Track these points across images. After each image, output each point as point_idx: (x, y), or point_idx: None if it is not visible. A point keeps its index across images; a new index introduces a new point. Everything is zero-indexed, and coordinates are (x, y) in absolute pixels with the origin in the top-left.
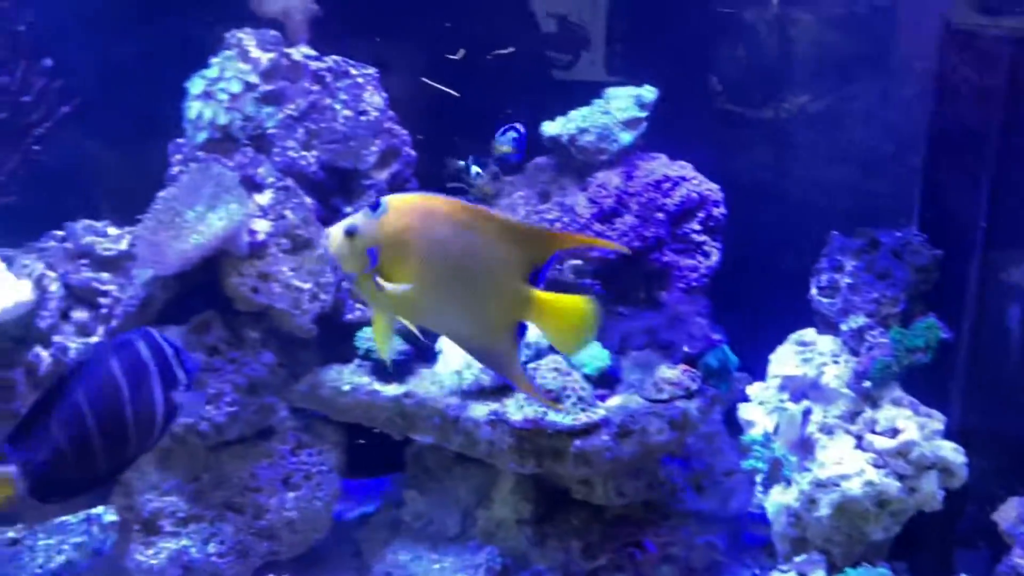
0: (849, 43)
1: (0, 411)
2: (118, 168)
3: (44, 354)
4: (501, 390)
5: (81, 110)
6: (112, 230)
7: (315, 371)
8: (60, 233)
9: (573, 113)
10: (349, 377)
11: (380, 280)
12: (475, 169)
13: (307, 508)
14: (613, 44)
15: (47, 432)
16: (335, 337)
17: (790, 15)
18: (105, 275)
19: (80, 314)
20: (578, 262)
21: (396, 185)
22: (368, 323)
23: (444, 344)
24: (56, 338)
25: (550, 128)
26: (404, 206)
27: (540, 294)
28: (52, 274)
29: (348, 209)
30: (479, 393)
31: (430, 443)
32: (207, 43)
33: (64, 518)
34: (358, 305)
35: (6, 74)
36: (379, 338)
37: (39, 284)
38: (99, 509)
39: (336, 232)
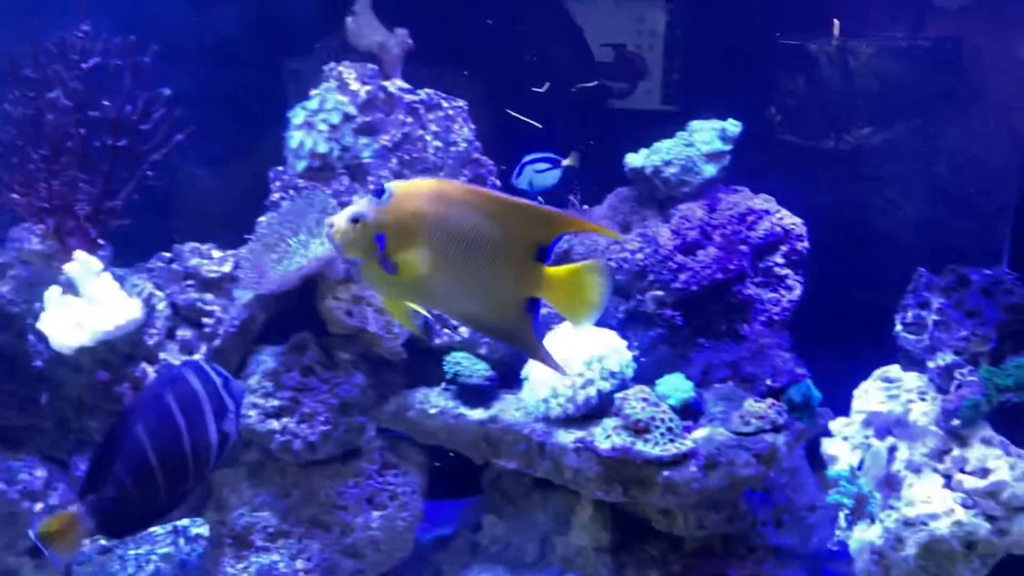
0: (914, 75)
1: (108, 424)
2: (221, 193)
3: (150, 370)
4: (588, 419)
5: (192, 138)
6: (216, 252)
7: (403, 393)
8: (168, 255)
9: (657, 145)
10: (435, 400)
11: (392, 264)
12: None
13: (391, 528)
14: (671, 74)
15: (112, 471)
16: (422, 361)
17: (852, 47)
18: (209, 296)
19: (184, 332)
20: (659, 293)
21: None
22: (455, 348)
23: (530, 372)
24: (162, 355)
25: (634, 160)
26: (410, 190)
27: (549, 269)
28: (160, 293)
29: None
30: (565, 421)
31: (512, 468)
32: (308, 75)
33: (152, 529)
34: (445, 330)
35: (129, 103)
36: (403, 320)
37: (148, 303)
38: (185, 521)
39: (340, 220)
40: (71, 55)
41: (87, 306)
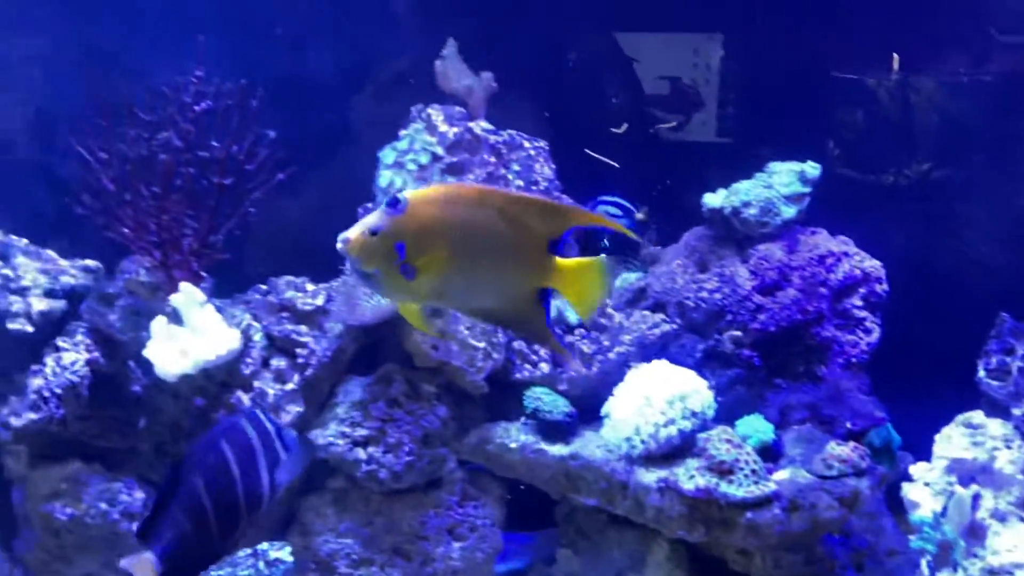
0: (978, 111)
1: None
2: (314, 229)
3: (245, 398)
4: (669, 458)
5: (292, 177)
6: (310, 286)
7: (484, 426)
8: (264, 287)
9: (735, 186)
10: (516, 435)
11: (413, 270)
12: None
13: (471, 559)
14: (726, 107)
15: (172, 518)
16: (501, 395)
17: (913, 81)
18: (303, 327)
19: (279, 362)
20: (737, 333)
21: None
22: (535, 383)
23: (611, 410)
24: (256, 383)
25: (712, 200)
26: (426, 197)
27: (561, 261)
28: (257, 324)
29: None
30: (646, 459)
31: (591, 504)
32: (396, 116)
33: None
34: (526, 366)
35: (236, 144)
36: (419, 324)
37: (245, 333)
38: (264, 545)
39: (356, 234)
40: (184, 98)
41: (191, 336)
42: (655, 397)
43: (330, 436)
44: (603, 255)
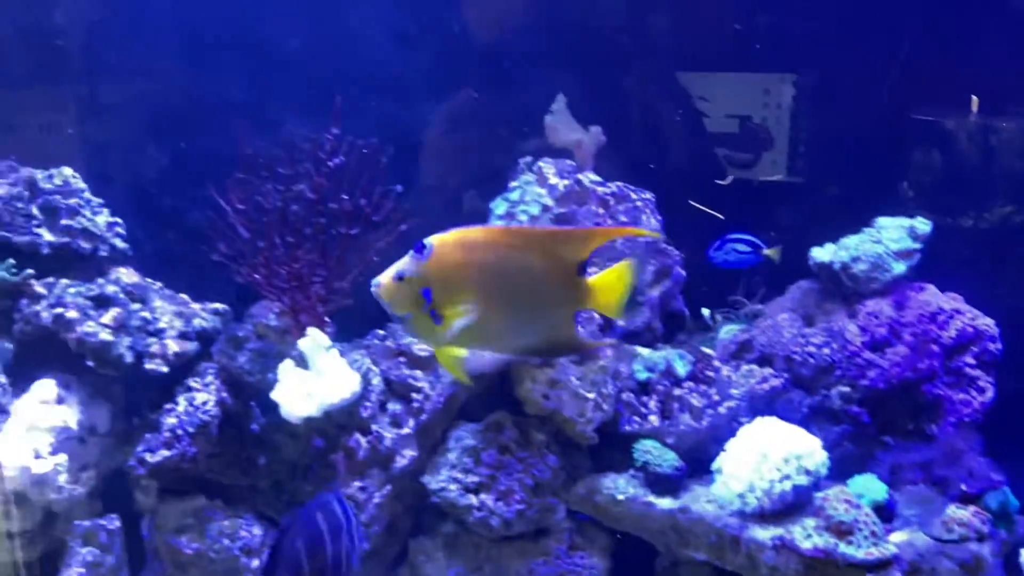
0: None
1: (322, 489)
2: None
3: (363, 440)
4: (781, 515)
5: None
6: None
7: (592, 477)
8: (382, 332)
9: (844, 240)
10: (624, 487)
11: (440, 315)
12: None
13: None
14: (797, 146)
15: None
16: (607, 445)
17: (993, 124)
18: (419, 372)
19: (395, 406)
20: (846, 389)
21: (665, 302)
22: (644, 435)
23: (723, 464)
24: (374, 426)
25: (820, 255)
26: (449, 242)
27: (592, 281)
28: (375, 369)
29: (620, 322)
30: (760, 516)
31: (701, 560)
32: (505, 168)
33: None
34: (635, 417)
35: (364, 196)
36: (453, 369)
37: (364, 377)
38: None
39: (386, 279)
40: (320, 154)
41: (316, 379)
42: (770, 454)
43: (442, 481)
44: (630, 259)
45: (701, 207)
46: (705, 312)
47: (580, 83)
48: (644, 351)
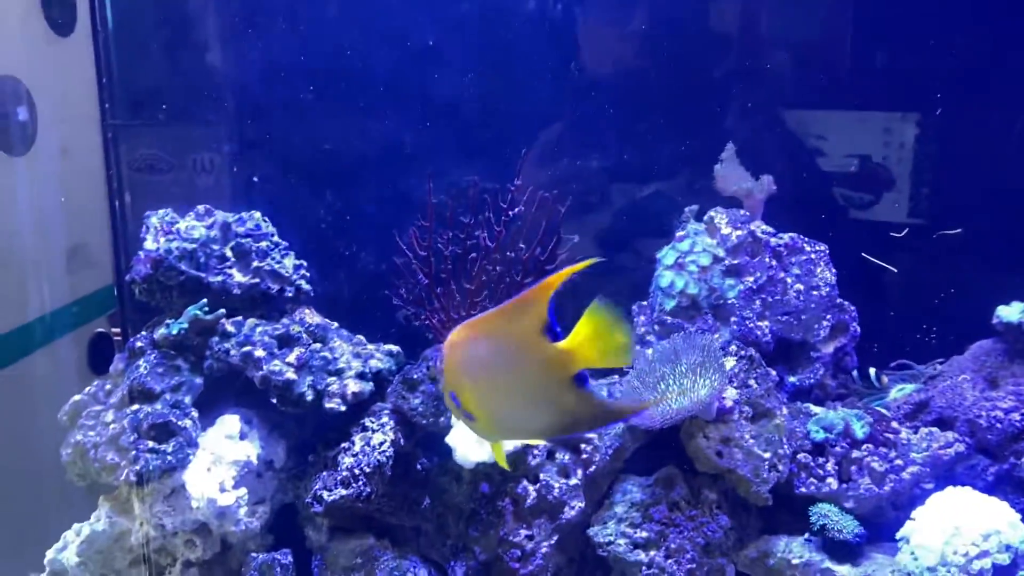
0: None
1: (488, 536)
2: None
3: (531, 489)
4: None
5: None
6: (591, 381)
7: (764, 539)
8: None
9: None
10: (799, 551)
11: (468, 414)
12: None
13: None
14: (919, 187)
15: None
16: (778, 507)
17: None
18: None
19: (562, 456)
20: None
21: (839, 359)
22: (820, 498)
23: (911, 534)
24: (542, 475)
25: (1008, 314)
26: (450, 343)
27: (565, 344)
28: None
29: (792, 379)
30: None
31: None
32: (671, 217)
33: None
34: (811, 479)
35: (540, 246)
36: (500, 459)
37: None
38: None
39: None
40: (501, 203)
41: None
42: (965, 526)
43: (610, 535)
44: (595, 301)
45: (874, 259)
46: (872, 371)
47: (734, 127)
48: (818, 410)
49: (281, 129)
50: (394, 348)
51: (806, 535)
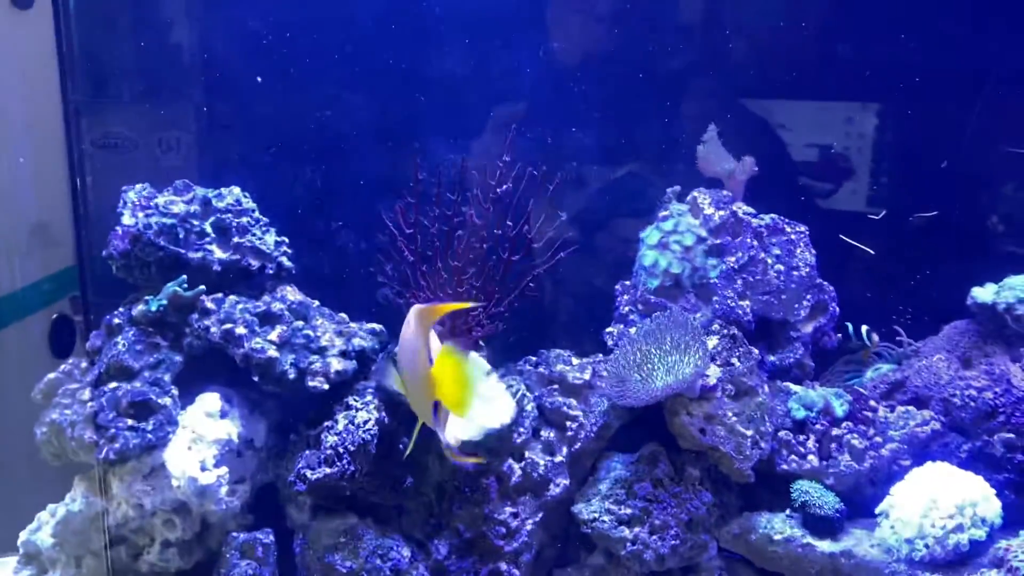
0: None
1: (472, 513)
2: (574, 303)
3: (516, 467)
4: (953, 565)
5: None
6: (575, 360)
7: (745, 516)
8: (534, 359)
9: (1008, 280)
10: (781, 527)
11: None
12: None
13: None
14: (878, 176)
15: None
16: (760, 485)
17: None
18: (572, 400)
19: (548, 434)
20: (1010, 436)
21: (817, 338)
22: (801, 476)
23: (890, 508)
24: (527, 453)
25: (982, 295)
26: (406, 320)
27: (432, 369)
28: (529, 395)
29: (771, 358)
30: (931, 564)
31: None
32: (653, 198)
33: None
34: (792, 457)
35: (527, 224)
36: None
37: (519, 403)
38: None
39: None
40: (489, 181)
41: (477, 403)
42: (942, 500)
43: (594, 512)
44: (446, 345)
45: (852, 241)
46: (864, 329)
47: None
48: (798, 389)
49: (251, 107)
50: (377, 327)
51: (787, 511)
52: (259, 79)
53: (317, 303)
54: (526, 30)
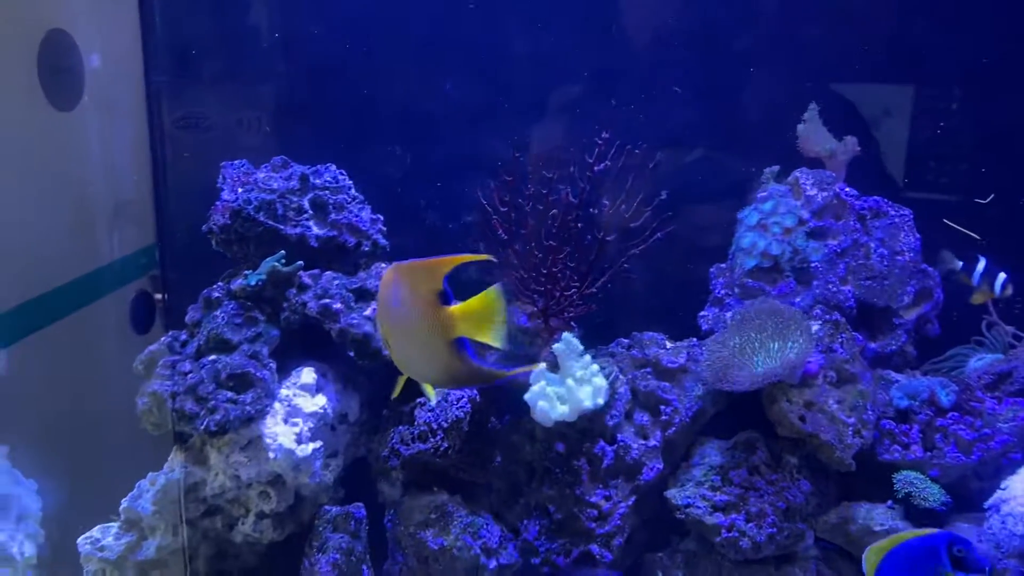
0: None
1: (563, 494)
2: (667, 286)
3: (608, 449)
4: None
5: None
6: (668, 343)
7: (845, 505)
8: (627, 341)
9: None
10: (882, 518)
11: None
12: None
13: None
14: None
15: None
16: (859, 474)
17: None
18: (666, 384)
19: (641, 417)
20: None
21: (920, 326)
22: (904, 466)
23: (1001, 501)
24: (619, 436)
25: None
26: (383, 280)
27: (454, 308)
28: (623, 377)
29: (873, 345)
30: None
31: None
32: (749, 177)
33: None
34: (895, 447)
35: (626, 203)
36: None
37: (612, 385)
38: None
39: None
40: (587, 159)
41: (570, 383)
42: None
43: (689, 497)
44: (496, 286)
45: (957, 227)
46: (1001, 277)
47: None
48: (901, 377)
49: (332, 87)
50: None
51: (888, 502)
52: (342, 59)
53: None
54: (619, 9)
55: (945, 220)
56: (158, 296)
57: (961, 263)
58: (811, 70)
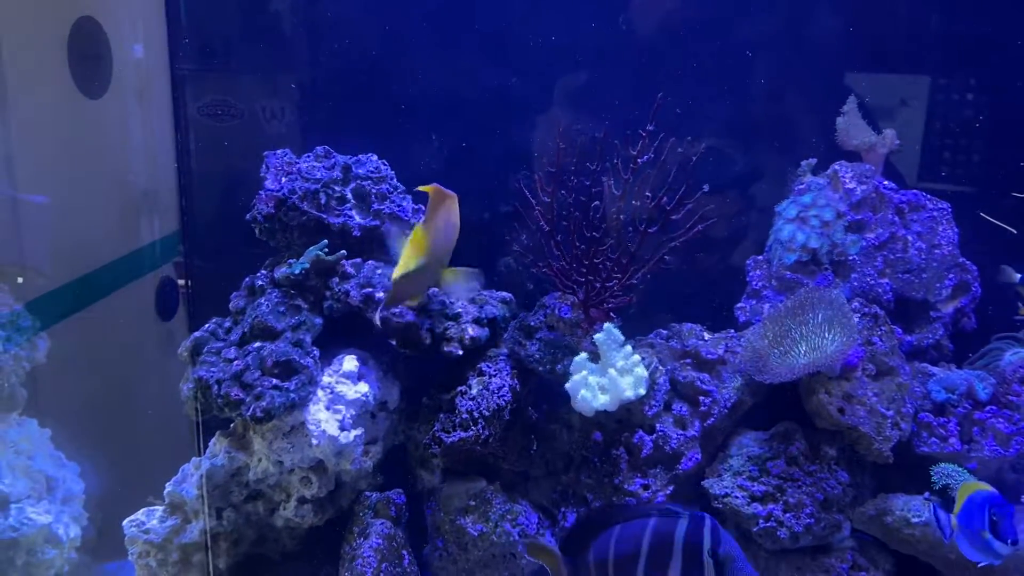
0: None
1: (601, 483)
2: (701, 279)
3: (647, 438)
4: None
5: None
6: (707, 335)
7: (882, 497)
8: (666, 331)
9: None
10: (920, 510)
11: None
12: None
13: None
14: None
15: (584, 554)
16: (898, 466)
17: None
18: (705, 375)
19: (680, 407)
20: None
21: (957, 319)
22: (942, 459)
23: None
24: (658, 426)
25: None
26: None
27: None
28: (662, 368)
29: (908, 337)
30: None
31: None
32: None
33: None
34: (933, 439)
35: (667, 195)
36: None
37: (651, 375)
38: None
39: None
40: (631, 151)
41: (610, 373)
42: None
43: (727, 487)
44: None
45: (994, 220)
46: None
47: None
48: (939, 370)
49: (356, 76)
50: (507, 295)
51: (926, 494)
52: (372, 48)
53: None
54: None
55: (981, 214)
56: (181, 283)
57: (1019, 276)
58: (850, 62)
